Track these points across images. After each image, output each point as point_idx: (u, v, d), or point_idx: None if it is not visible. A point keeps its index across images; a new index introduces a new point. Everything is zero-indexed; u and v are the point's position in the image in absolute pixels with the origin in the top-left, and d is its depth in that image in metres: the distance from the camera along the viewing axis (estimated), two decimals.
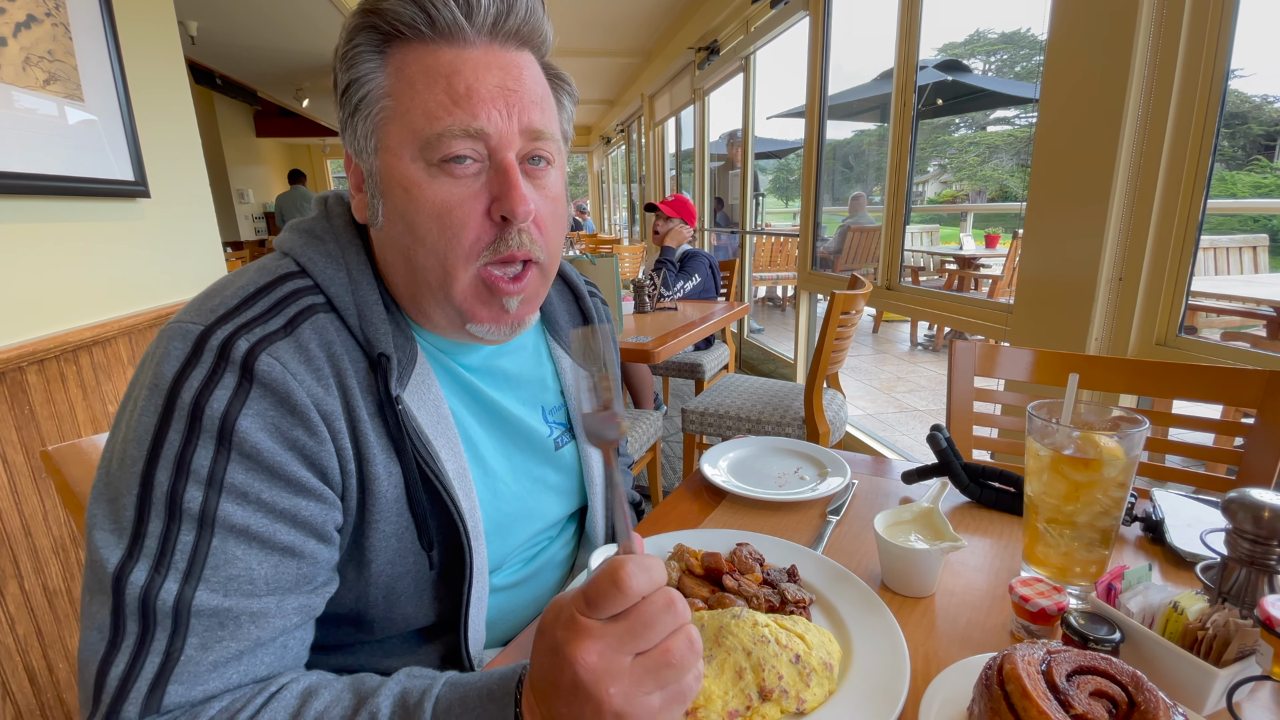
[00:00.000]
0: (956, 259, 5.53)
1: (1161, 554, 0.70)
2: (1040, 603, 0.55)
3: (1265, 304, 2.68)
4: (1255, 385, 0.94)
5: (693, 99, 4.88)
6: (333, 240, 0.57)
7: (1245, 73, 3.75)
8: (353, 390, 0.53)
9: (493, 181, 0.53)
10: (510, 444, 0.67)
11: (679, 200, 3.19)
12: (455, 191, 0.53)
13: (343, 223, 0.59)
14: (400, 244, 0.55)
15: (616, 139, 9.93)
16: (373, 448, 0.53)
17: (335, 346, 0.53)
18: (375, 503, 0.54)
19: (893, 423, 3.45)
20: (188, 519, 0.45)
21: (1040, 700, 0.41)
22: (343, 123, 0.56)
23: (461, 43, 0.53)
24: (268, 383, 0.48)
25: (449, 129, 0.51)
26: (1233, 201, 3.48)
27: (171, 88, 1.79)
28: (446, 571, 0.60)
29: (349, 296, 0.55)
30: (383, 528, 0.55)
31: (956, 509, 0.82)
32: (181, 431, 0.46)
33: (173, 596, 0.44)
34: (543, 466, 0.70)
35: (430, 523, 0.57)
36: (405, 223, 0.53)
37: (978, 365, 1.16)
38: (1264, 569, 0.56)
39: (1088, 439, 0.60)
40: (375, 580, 0.56)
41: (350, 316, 0.55)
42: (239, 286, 0.53)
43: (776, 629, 0.53)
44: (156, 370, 0.47)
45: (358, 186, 0.57)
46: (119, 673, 0.42)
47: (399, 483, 0.55)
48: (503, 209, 0.53)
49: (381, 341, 0.55)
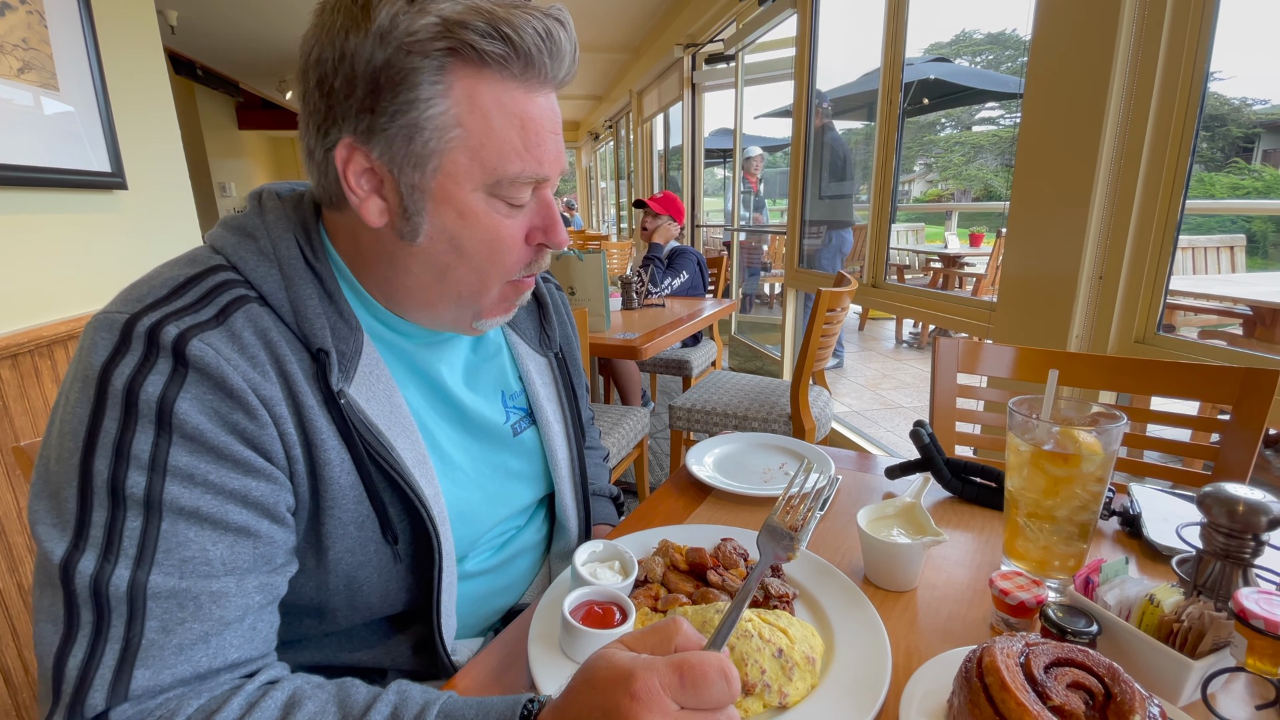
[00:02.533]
0: (941, 257, 5.58)
1: (1138, 548, 0.72)
2: (1020, 596, 0.56)
3: (1242, 303, 2.73)
4: (1231, 383, 0.95)
5: (680, 96, 4.87)
6: (265, 237, 0.56)
7: (1224, 75, 3.81)
8: (295, 377, 0.52)
9: (535, 214, 0.58)
10: (466, 432, 0.67)
11: (667, 197, 3.18)
12: (508, 223, 0.56)
13: (276, 217, 0.57)
14: (441, 261, 0.56)
15: (605, 135, 9.90)
16: (321, 433, 0.53)
17: (271, 334, 0.52)
18: (328, 488, 0.54)
19: (877, 419, 3.48)
20: (132, 504, 0.44)
21: (1018, 692, 0.41)
22: (354, 119, 0.51)
23: (536, 87, 0.54)
24: (201, 368, 0.47)
25: (521, 174, 0.54)
26: (1211, 202, 3.54)
27: (150, 78, 1.75)
28: (413, 560, 0.60)
29: (282, 294, 0.54)
30: (338, 515, 0.55)
31: (939, 504, 0.83)
32: (117, 419, 0.45)
33: (125, 582, 0.43)
34: (503, 453, 0.70)
35: (391, 512, 0.57)
36: (453, 244, 0.55)
37: (961, 362, 1.17)
38: (1238, 562, 0.57)
39: (1067, 434, 0.60)
40: (335, 568, 0.56)
41: (285, 313, 0.54)
42: (167, 277, 0.52)
43: (760, 623, 0.53)
44: (85, 362, 0.47)
45: (376, 191, 0.54)
46: (77, 663, 0.42)
47: (352, 470, 0.55)
48: (547, 240, 0.58)
49: (319, 337, 0.54)
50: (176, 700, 0.43)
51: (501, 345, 0.75)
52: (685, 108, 4.89)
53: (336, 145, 0.52)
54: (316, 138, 0.53)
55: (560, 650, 0.55)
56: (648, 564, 0.65)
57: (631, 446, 2.00)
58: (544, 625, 0.58)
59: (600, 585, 0.58)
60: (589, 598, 0.57)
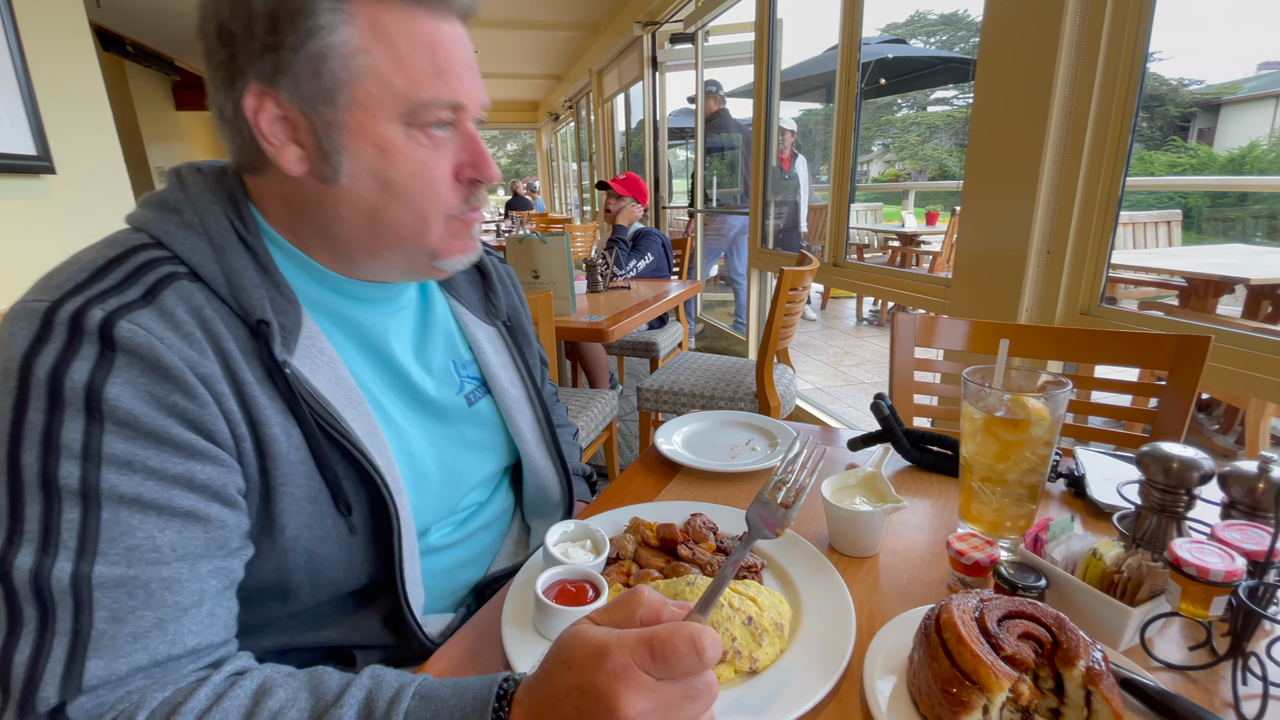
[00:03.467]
0: (899, 236, 5.71)
1: (1083, 507, 0.76)
2: (974, 556, 0.58)
3: (1178, 275, 2.88)
4: (1166, 349, 1.01)
5: (641, 75, 4.82)
6: (190, 210, 0.54)
7: (1164, 56, 3.96)
8: (232, 354, 0.51)
9: (462, 149, 0.58)
10: (418, 404, 0.67)
11: (630, 178, 3.16)
12: (432, 155, 0.56)
13: (199, 190, 0.56)
14: (369, 201, 0.55)
15: (565, 116, 9.74)
16: (265, 410, 0.52)
17: (205, 311, 0.51)
18: (277, 465, 0.53)
19: (840, 395, 3.56)
20: (68, 496, 0.43)
21: (973, 644, 0.43)
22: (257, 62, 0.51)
23: (441, 14, 0.54)
24: (132, 349, 0.45)
25: (435, 99, 0.53)
26: (1150, 180, 3.70)
27: (76, 54, 1.65)
28: (373, 531, 0.59)
29: (214, 265, 0.53)
30: (291, 491, 0.54)
31: (899, 473, 0.86)
32: (42, 409, 0.43)
33: (67, 574, 0.42)
34: (458, 423, 0.70)
35: (345, 484, 0.56)
36: (379, 181, 0.54)
37: (918, 336, 1.21)
38: (1173, 516, 0.61)
39: (1017, 401, 0.63)
40: (293, 545, 0.55)
41: (219, 286, 0.52)
42: (86, 261, 0.50)
43: (729, 593, 0.54)
44: (4, 355, 0.45)
45: (291, 138, 0.53)
46: (25, 658, 0.41)
47: (301, 444, 0.54)
48: (477, 174, 0.58)
49: (258, 308, 0.53)
50: (140, 693, 0.42)
51: (448, 315, 0.74)
52: (646, 87, 4.84)
53: (245, 94, 0.51)
54: (225, 93, 0.53)
55: (535, 630, 0.55)
56: (619, 542, 0.65)
57: (601, 429, 2.01)
58: (518, 605, 0.58)
59: (573, 564, 0.58)
60: (561, 577, 0.57)
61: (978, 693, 0.42)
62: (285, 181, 0.55)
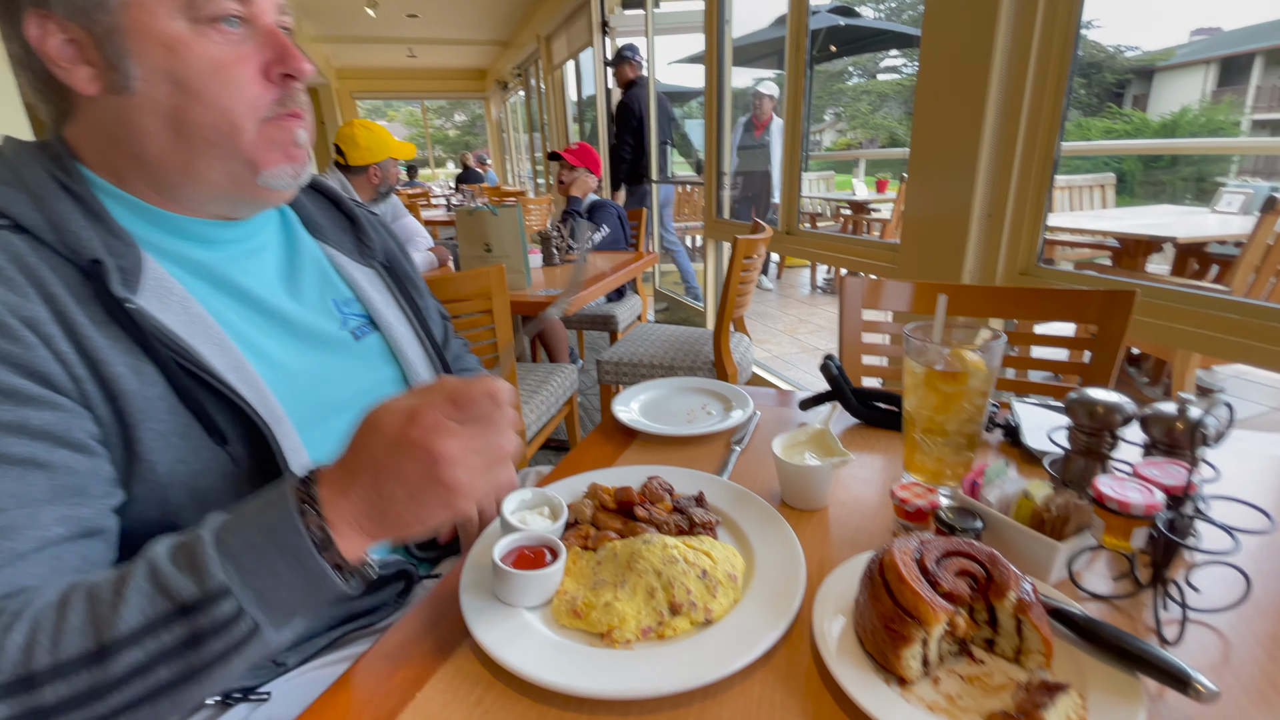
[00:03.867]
0: (850, 204, 5.80)
1: (1018, 454, 0.80)
2: (916, 503, 0.61)
3: (1111, 236, 3.01)
4: (1094, 303, 1.06)
5: (590, 41, 4.71)
6: (5, 167, 0.54)
7: (1100, 24, 4.07)
8: (60, 298, 0.50)
9: (264, 46, 0.56)
10: (296, 337, 0.66)
11: (583, 148, 3.11)
12: (229, 51, 0.54)
13: (15, 151, 0.55)
14: (167, 105, 0.54)
15: (514, 84, 9.46)
16: (104, 350, 0.50)
17: (28, 259, 0.50)
18: (130, 403, 0.51)
19: (795, 362, 3.63)
20: None
21: (913, 582, 0.46)
22: None
23: None
24: None
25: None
26: (1085, 144, 3.84)
27: None
28: (257, 464, 0.58)
29: (36, 213, 0.52)
30: (154, 427, 0.52)
31: (847, 430, 0.89)
32: None
33: None
34: (344, 357, 0.70)
35: (218, 418, 0.55)
36: (175, 82, 0.53)
37: (865, 299, 1.24)
38: (1098, 457, 0.65)
39: (956, 354, 0.66)
40: (170, 482, 0.54)
41: (43, 232, 0.51)
42: None
43: (684, 549, 0.56)
44: None
45: (79, 59, 0.52)
46: None
47: (158, 380, 0.53)
48: (286, 68, 0.57)
49: (88, 248, 0.52)
50: None
51: (319, 256, 0.74)
52: (597, 53, 4.73)
53: (26, 26, 0.51)
54: (10, 31, 0.53)
55: (494, 597, 0.55)
56: (577, 507, 0.66)
57: (561, 404, 2.00)
58: (475, 575, 0.58)
59: (530, 530, 0.59)
60: (519, 543, 0.57)
61: (917, 626, 0.44)
62: (91, 112, 0.55)
